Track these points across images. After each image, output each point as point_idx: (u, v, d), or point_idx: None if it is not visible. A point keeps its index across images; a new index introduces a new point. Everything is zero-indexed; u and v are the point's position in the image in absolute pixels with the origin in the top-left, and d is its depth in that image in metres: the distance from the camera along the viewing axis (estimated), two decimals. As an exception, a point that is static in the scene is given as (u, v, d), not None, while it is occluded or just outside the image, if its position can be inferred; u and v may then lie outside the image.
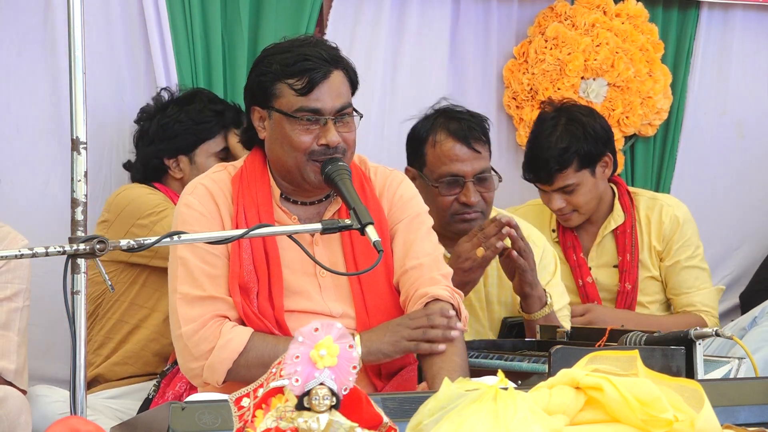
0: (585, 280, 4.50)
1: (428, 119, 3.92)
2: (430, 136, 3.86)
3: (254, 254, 3.13)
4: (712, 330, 3.28)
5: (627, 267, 4.54)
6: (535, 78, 4.94)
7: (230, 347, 3.04)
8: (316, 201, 3.23)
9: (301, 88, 3.10)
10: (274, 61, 3.15)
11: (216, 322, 3.08)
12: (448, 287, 3.16)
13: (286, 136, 3.13)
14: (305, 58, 3.12)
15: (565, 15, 4.99)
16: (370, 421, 1.93)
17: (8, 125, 4.20)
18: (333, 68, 3.14)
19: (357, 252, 3.18)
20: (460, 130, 3.83)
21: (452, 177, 3.82)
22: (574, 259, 4.51)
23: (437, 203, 3.82)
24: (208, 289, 3.10)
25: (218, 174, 3.24)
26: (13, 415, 3.22)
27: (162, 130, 4.04)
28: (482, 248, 3.69)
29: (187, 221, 3.13)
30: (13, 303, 3.40)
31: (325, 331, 1.85)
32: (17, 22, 4.18)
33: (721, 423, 2.19)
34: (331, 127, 3.11)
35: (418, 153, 3.89)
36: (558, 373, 2.18)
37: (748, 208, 5.29)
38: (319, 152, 3.11)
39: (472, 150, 3.82)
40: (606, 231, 4.54)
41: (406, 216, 3.25)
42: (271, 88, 3.14)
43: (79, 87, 2.69)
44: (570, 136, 4.33)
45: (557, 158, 4.32)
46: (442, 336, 3.04)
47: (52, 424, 2.19)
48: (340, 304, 3.17)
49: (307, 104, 3.11)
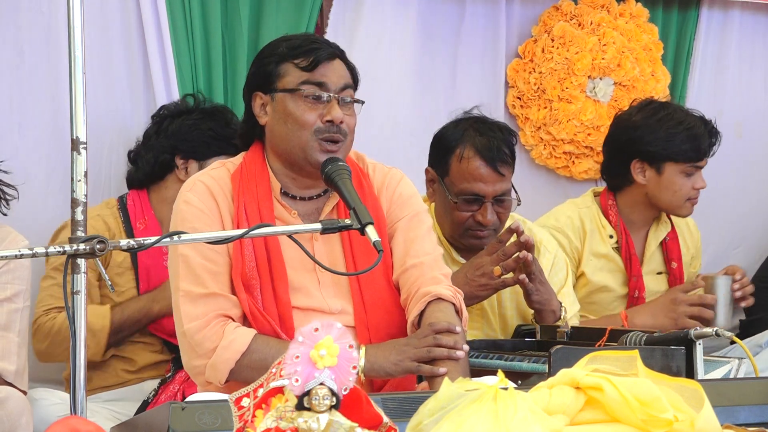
0: (641, 294, 4.48)
1: (458, 127, 3.89)
2: (457, 148, 3.83)
3: (256, 251, 3.13)
4: (712, 330, 3.28)
5: (677, 275, 4.55)
6: (542, 77, 4.94)
7: (233, 348, 3.04)
8: (315, 196, 3.23)
9: (307, 65, 3.14)
10: (281, 45, 3.20)
11: (219, 321, 3.08)
12: (450, 287, 3.16)
13: (290, 114, 3.14)
14: (312, 41, 3.20)
15: (570, 14, 4.99)
16: (370, 421, 1.93)
17: (9, 125, 4.20)
18: (338, 54, 3.20)
19: (356, 249, 3.18)
20: (488, 151, 3.79)
21: (473, 195, 3.82)
22: (630, 268, 4.48)
23: (452, 215, 3.84)
24: (210, 286, 3.09)
25: (217, 171, 3.24)
26: (15, 415, 3.22)
27: (184, 130, 4.06)
28: (499, 268, 3.69)
29: (186, 218, 3.13)
30: (13, 304, 3.39)
31: (325, 331, 1.85)
32: (18, 22, 4.18)
33: (721, 423, 2.18)
34: (335, 104, 3.13)
35: (443, 161, 3.86)
36: (558, 373, 2.18)
37: (747, 208, 5.29)
38: (323, 129, 3.12)
39: (496, 172, 3.81)
40: (659, 238, 4.54)
41: (405, 214, 3.25)
42: (275, 69, 3.17)
43: (79, 87, 2.69)
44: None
45: (712, 131, 4.40)
46: (447, 355, 3.03)
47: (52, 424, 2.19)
48: (339, 301, 3.17)
49: (312, 78, 3.14)
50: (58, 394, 3.79)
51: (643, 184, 4.42)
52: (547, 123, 4.96)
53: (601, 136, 4.97)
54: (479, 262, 3.73)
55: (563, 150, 5.01)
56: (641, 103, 4.53)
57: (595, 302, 4.48)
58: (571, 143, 5.00)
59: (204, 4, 4.40)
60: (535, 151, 5.01)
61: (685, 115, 4.42)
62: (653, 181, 4.41)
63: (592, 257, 4.45)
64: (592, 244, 4.45)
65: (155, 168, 4.09)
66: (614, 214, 4.48)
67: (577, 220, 4.47)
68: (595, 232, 4.46)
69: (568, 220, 4.47)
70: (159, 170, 4.09)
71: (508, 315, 3.95)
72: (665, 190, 4.40)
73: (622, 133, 4.48)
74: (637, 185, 4.44)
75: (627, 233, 4.47)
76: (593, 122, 4.97)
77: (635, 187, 4.45)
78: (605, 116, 4.98)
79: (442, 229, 3.93)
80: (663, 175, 4.39)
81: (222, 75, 4.41)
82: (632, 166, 4.42)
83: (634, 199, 4.48)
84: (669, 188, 4.41)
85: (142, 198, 4.09)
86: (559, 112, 4.94)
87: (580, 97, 4.94)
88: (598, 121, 4.98)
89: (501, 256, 3.71)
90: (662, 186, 4.40)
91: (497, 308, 3.95)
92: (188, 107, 4.13)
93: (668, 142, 4.37)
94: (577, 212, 4.49)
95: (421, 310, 3.10)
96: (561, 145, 5.00)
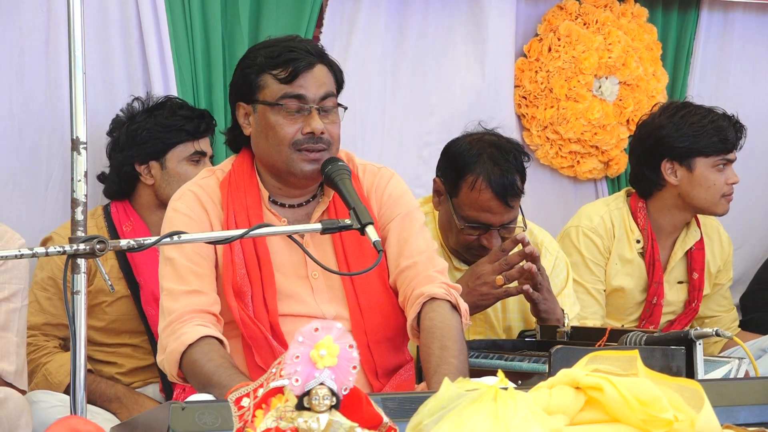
0: (659, 301, 4.46)
1: (472, 148, 3.82)
2: (470, 174, 3.78)
3: (246, 258, 3.12)
4: (713, 330, 3.28)
5: (698, 285, 4.53)
6: (549, 76, 4.93)
7: (181, 340, 3.01)
8: (304, 203, 3.22)
9: (285, 77, 3.11)
10: (259, 55, 3.17)
11: (191, 316, 3.04)
12: (444, 284, 3.15)
13: (270, 127, 3.13)
14: (290, 50, 3.15)
15: (575, 13, 4.98)
16: (370, 421, 1.93)
17: (9, 125, 4.20)
18: (317, 61, 3.16)
19: (348, 252, 3.17)
20: (501, 186, 3.75)
21: (480, 224, 3.80)
22: (652, 274, 4.45)
23: (457, 235, 3.83)
24: (193, 284, 3.08)
25: (206, 180, 3.23)
26: (14, 416, 3.21)
27: (132, 137, 4.03)
28: (502, 277, 3.68)
29: (174, 225, 3.11)
30: (11, 304, 3.39)
31: (325, 331, 1.85)
32: (19, 22, 4.18)
33: (721, 423, 2.18)
34: (315, 115, 3.11)
35: (454, 181, 3.82)
36: (558, 373, 2.18)
37: (748, 208, 5.28)
38: (303, 141, 3.11)
39: (506, 206, 3.78)
40: (686, 247, 4.52)
41: (397, 214, 3.23)
42: (255, 80, 3.15)
43: (79, 87, 2.69)
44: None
45: (736, 124, 4.41)
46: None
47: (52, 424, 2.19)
48: (334, 306, 3.16)
49: (291, 91, 3.11)
50: (58, 396, 3.79)
51: (675, 185, 4.38)
52: (554, 122, 4.94)
53: (607, 135, 4.97)
54: (480, 270, 3.71)
55: (569, 149, 5.00)
56: (662, 107, 4.51)
57: (609, 304, 4.47)
58: (578, 142, 4.99)
59: (204, 4, 4.39)
60: (540, 151, 5.00)
61: (708, 110, 4.42)
62: (685, 179, 4.38)
63: (618, 261, 4.44)
64: (619, 248, 4.44)
65: (121, 183, 4.07)
66: (643, 217, 4.44)
67: (609, 221, 4.46)
68: (623, 236, 4.45)
69: (601, 221, 4.45)
70: (126, 184, 4.07)
71: (514, 327, 3.94)
72: (698, 186, 4.37)
73: (648, 137, 4.44)
74: (668, 188, 4.40)
75: (653, 238, 4.44)
76: (600, 121, 4.96)
77: (667, 190, 4.41)
78: (611, 115, 4.98)
79: (445, 237, 3.92)
80: (695, 172, 4.37)
81: (222, 75, 4.40)
82: (663, 168, 4.39)
83: (665, 203, 4.44)
84: (702, 184, 4.37)
85: (125, 206, 4.08)
86: (567, 111, 4.94)
87: (587, 96, 4.94)
88: (604, 120, 4.97)
89: (503, 266, 3.69)
90: (695, 183, 4.37)
91: (500, 312, 3.95)
92: (134, 112, 4.09)
93: (696, 136, 4.35)
94: (609, 214, 4.47)
95: (417, 312, 3.10)
96: (568, 145, 4.99)
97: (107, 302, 3.99)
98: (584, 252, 4.41)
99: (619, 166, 5.08)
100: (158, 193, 4.03)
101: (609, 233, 4.43)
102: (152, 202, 4.05)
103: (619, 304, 4.47)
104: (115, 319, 4.01)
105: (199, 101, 4.33)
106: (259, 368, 3.06)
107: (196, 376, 2.97)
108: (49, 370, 3.91)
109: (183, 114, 4.06)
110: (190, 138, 4.05)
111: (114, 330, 4.02)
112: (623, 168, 5.07)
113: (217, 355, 2.97)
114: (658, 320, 4.47)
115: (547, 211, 4.88)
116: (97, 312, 3.98)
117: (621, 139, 5.04)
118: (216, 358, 2.96)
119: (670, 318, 4.54)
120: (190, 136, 4.05)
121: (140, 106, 4.10)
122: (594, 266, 4.41)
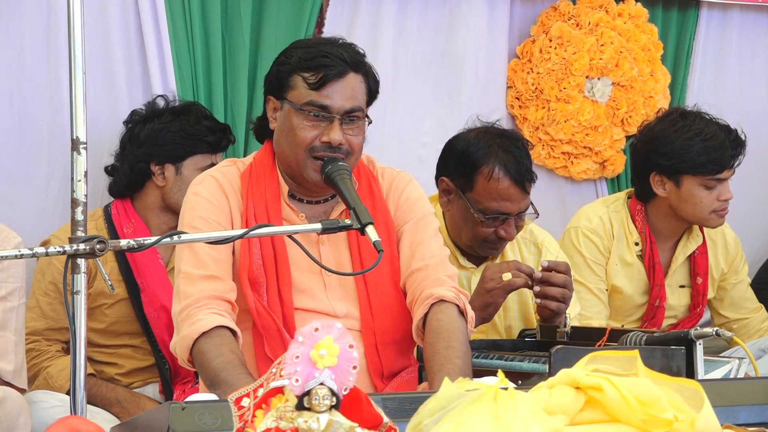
0: (662, 303, 4.44)
1: (481, 142, 3.83)
2: (484, 166, 3.79)
3: (263, 250, 3.13)
4: (713, 330, 3.28)
5: (700, 290, 4.49)
6: (540, 77, 4.94)
7: (195, 327, 2.99)
8: (322, 200, 3.23)
9: (314, 82, 3.11)
10: (295, 54, 3.17)
11: (207, 302, 3.04)
12: (454, 288, 3.15)
13: (292, 128, 3.13)
14: (324, 55, 3.13)
15: (569, 14, 4.99)
16: (370, 421, 1.93)
17: (9, 125, 4.20)
18: (350, 70, 3.14)
19: (363, 252, 3.18)
20: (517, 172, 3.77)
21: (500, 214, 3.81)
22: (653, 277, 4.43)
23: (475, 229, 3.83)
24: (212, 269, 3.08)
25: (228, 168, 3.24)
26: (13, 415, 3.21)
27: (154, 135, 4.02)
28: (509, 274, 3.68)
29: (195, 208, 3.13)
30: (8, 302, 3.39)
31: (325, 331, 1.84)
32: (19, 21, 4.18)
33: (721, 423, 2.18)
34: (336, 126, 3.11)
35: (467, 177, 3.82)
36: (558, 373, 2.18)
37: (747, 209, 5.28)
38: (319, 148, 3.11)
39: (524, 191, 3.81)
40: (687, 251, 4.48)
41: (412, 218, 3.24)
42: (287, 79, 3.15)
43: (79, 87, 2.69)
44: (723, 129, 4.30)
45: (736, 141, 4.27)
46: None
47: (52, 424, 2.19)
48: (345, 304, 3.17)
49: (317, 99, 3.11)
50: (58, 396, 3.79)
51: (664, 197, 4.33)
52: (545, 123, 4.96)
53: (599, 136, 4.98)
54: (487, 272, 3.71)
55: (561, 150, 5.01)
56: (665, 113, 4.43)
57: (609, 305, 4.45)
58: (570, 143, 5.00)
59: (204, 4, 4.40)
60: (533, 152, 5.01)
61: (705, 125, 4.27)
62: (673, 194, 4.31)
63: (617, 261, 4.43)
64: (618, 249, 4.42)
65: (132, 178, 4.06)
66: (641, 220, 4.40)
67: (608, 222, 4.43)
68: (622, 238, 4.43)
69: (600, 221, 4.42)
70: (136, 179, 4.05)
71: (514, 327, 3.94)
72: (685, 202, 4.29)
73: (643, 145, 4.38)
74: (660, 197, 4.35)
75: (652, 241, 4.41)
76: (591, 122, 4.97)
77: (659, 199, 4.36)
78: (603, 116, 4.98)
79: (455, 237, 3.92)
80: (682, 188, 4.28)
81: (222, 75, 4.41)
82: (651, 180, 4.33)
83: (660, 211, 4.39)
84: (689, 201, 4.29)
85: (126, 206, 4.07)
86: (557, 112, 4.94)
87: (578, 97, 4.94)
88: (596, 122, 4.98)
89: (511, 266, 3.69)
90: (682, 199, 4.29)
91: (502, 317, 3.95)
92: (158, 110, 4.08)
93: (683, 154, 4.24)
94: (608, 215, 4.44)
95: (424, 313, 3.10)
96: (559, 145, 5.00)
97: (107, 304, 3.99)
98: (585, 252, 4.40)
99: (615, 166, 5.08)
100: (166, 196, 4.02)
101: (608, 233, 4.42)
102: (158, 203, 4.05)
103: (618, 305, 4.46)
104: (114, 321, 4.01)
105: (198, 101, 4.32)
106: (268, 359, 3.07)
107: (203, 368, 2.96)
108: (50, 374, 3.91)
109: (207, 125, 4.06)
110: (209, 150, 4.05)
111: (114, 332, 4.02)
112: (620, 168, 5.08)
113: (227, 349, 2.96)
114: (660, 323, 4.46)
115: (545, 211, 4.86)
116: (97, 314, 3.98)
117: (615, 140, 5.04)
118: (226, 353, 2.95)
119: (673, 322, 4.53)
120: (210, 149, 4.05)
121: (164, 104, 4.09)
122: (595, 266, 4.40)
